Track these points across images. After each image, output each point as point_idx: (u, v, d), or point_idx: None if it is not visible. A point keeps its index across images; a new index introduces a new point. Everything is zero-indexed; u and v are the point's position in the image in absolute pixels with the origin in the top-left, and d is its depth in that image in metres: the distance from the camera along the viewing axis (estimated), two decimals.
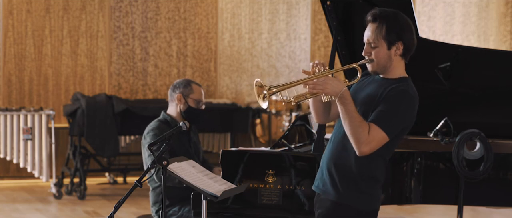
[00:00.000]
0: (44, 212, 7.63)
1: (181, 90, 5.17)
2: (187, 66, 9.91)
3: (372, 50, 3.60)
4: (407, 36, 3.60)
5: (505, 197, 4.92)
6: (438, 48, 5.31)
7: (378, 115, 3.52)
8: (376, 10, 3.61)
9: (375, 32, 3.58)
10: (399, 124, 3.55)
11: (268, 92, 3.50)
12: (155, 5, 9.71)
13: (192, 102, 5.16)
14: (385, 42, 3.58)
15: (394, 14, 3.61)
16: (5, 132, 8.13)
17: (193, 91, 5.18)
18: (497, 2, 10.82)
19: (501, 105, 5.29)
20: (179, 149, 5.03)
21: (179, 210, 5.02)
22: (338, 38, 4.93)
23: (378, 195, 3.68)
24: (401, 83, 3.60)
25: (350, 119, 3.49)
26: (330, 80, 3.51)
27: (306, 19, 10.34)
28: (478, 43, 10.76)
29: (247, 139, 9.55)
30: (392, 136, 3.53)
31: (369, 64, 3.63)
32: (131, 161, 9.14)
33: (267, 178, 4.42)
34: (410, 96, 3.57)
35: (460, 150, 4.71)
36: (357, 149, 3.50)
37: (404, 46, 3.60)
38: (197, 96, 5.18)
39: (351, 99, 3.51)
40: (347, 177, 3.62)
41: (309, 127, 5.24)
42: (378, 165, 3.63)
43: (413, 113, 3.59)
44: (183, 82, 5.21)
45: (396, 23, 3.58)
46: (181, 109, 5.16)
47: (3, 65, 9.18)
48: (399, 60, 3.63)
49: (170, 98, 5.22)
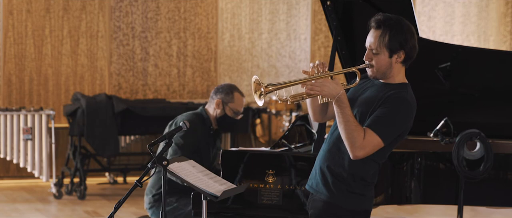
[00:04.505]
0: (44, 212, 7.63)
1: (222, 97, 5.14)
2: (187, 66, 9.91)
3: (373, 56, 3.59)
4: (410, 45, 3.58)
5: (505, 197, 4.92)
6: (438, 48, 5.31)
7: (375, 120, 3.52)
8: (380, 17, 3.59)
9: (377, 39, 3.56)
10: (395, 130, 3.56)
11: (265, 90, 3.51)
12: (155, 5, 9.71)
13: (229, 112, 5.16)
14: (387, 50, 3.57)
15: (398, 22, 3.58)
16: (5, 132, 8.13)
17: (233, 101, 5.16)
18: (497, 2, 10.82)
19: (501, 105, 5.29)
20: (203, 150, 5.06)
21: (175, 201, 5.02)
22: (338, 38, 4.94)
23: (370, 196, 3.70)
24: (400, 89, 3.59)
25: (345, 123, 3.49)
26: (328, 83, 3.52)
27: (306, 19, 10.34)
28: (478, 43, 10.76)
29: (247, 139, 9.55)
30: (387, 142, 3.53)
31: (369, 70, 3.62)
32: (131, 161, 9.14)
33: (267, 178, 4.42)
34: (408, 104, 3.57)
35: (460, 150, 4.71)
36: (351, 153, 3.51)
37: (406, 55, 3.59)
38: (237, 107, 5.17)
39: (347, 103, 3.52)
40: (339, 178, 3.63)
41: (309, 127, 5.24)
42: (370, 168, 3.64)
43: (410, 120, 3.59)
44: (226, 89, 5.17)
45: (399, 32, 3.56)
46: (218, 114, 5.16)
47: (3, 65, 9.18)
48: (400, 67, 3.63)
49: (211, 99, 5.22)
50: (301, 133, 5.26)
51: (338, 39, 4.93)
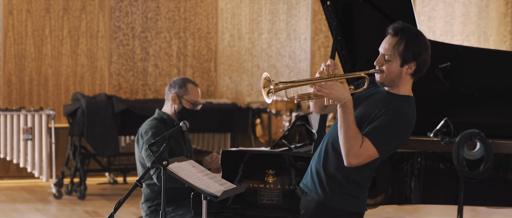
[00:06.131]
0: (44, 212, 7.63)
1: (176, 91, 5.07)
2: (187, 66, 9.91)
3: (385, 62, 3.58)
4: (423, 58, 3.58)
5: (505, 197, 4.92)
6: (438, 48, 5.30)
7: (373, 130, 3.52)
8: (399, 25, 3.58)
9: (392, 46, 3.56)
10: (392, 143, 3.57)
11: (274, 88, 3.51)
12: (155, 5, 9.71)
13: (186, 104, 5.06)
14: (400, 58, 3.56)
15: (415, 34, 3.59)
16: (5, 132, 8.13)
17: (188, 93, 5.05)
18: (497, 2, 10.82)
19: (501, 105, 5.29)
20: (176, 148, 5.00)
21: (172, 211, 4.98)
22: (338, 38, 4.93)
23: (363, 198, 3.72)
24: (404, 102, 3.60)
25: (346, 128, 3.50)
26: (337, 86, 3.52)
27: (306, 19, 10.34)
28: (478, 43, 10.76)
29: (247, 139, 9.55)
30: (381, 154, 3.54)
31: (378, 75, 3.62)
32: (131, 161, 9.14)
33: (267, 178, 4.42)
34: (409, 119, 3.58)
35: (460, 150, 4.71)
36: (346, 159, 3.52)
37: (417, 67, 3.59)
38: (192, 98, 5.06)
39: (352, 110, 3.52)
40: (333, 179, 3.64)
41: (309, 127, 5.24)
42: (364, 174, 3.66)
43: (407, 134, 3.61)
44: (179, 82, 5.08)
45: (415, 44, 3.56)
46: (175, 109, 5.09)
47: (3, 65, 9.18)
48: (408, 78, 3.62)
49: (166, 97, 5.14)
50: (301, 133, 5.26)
51: (338, 39, 4.93)
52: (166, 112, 5.11)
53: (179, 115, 5.06)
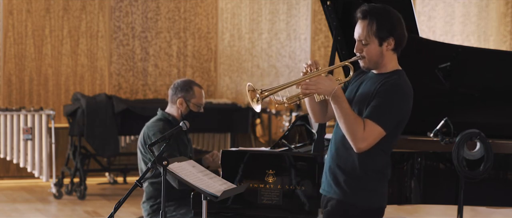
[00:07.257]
0: (44, 212, 7.63)
1: (183, 95, 5.11)
2: (187, 66, 9.91)
3: (363, 47, 3.60)
4: (398, 31, 3.59)
5: (505, 197, 4.91)
6: (438, 48, 5.31)
7: (371, 110, 3.53)
8: (366, 7, 3.60)
9: (365, 29, 3.57)
10: (394, 117, 3.55)
11: (260, 96, 3.51)
12: (155, 5, 9.71)
13: (193, 107, 5.12)
14: (376, 39, 3.57)
15: (384, 10, 3.60)
16: (5, 132, 8.13)
17: (195, 96, 5.11)
18: (497, 2, 10.81)
19: (501, 105, 5.28)
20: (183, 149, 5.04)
21: (174, 210, 4.99)
22: (338, 38, 4.93)
23: (384, 192, 3.68)
24: (393, 76, 3.60)
25: (344, 117, 3.50)
26: (322, 80, 3.52)
27: (306, 19, 10.34)
28: (478, 43, 10.75)
29: (247, 139, 9.55)
30: (388, 130, 3.53)
31: (361, 61, 3.63)
32: (131, 161, 9.13)
33: (267, 178, 4.42)
34: (402, 89, 3.57)
35: (460, 150, 4.71)
36: (354, 146, 3.51)
37: (396, 41, 3.59)
38: (199, 101, 5.13)
39: (344, 98, 3.52)
40: (351, 176, 3.62)
41: (309, 127, 5.24)
42: (381, 159, 3.63)
43: (407, 104, 3.59)
44: (184, 86, 5.12)
45: (386, 20, 3.57)
46: (182, 112, 5.13)
47: (3, 65, 9.18)
48: (391, 54, 3.63)
49: (171, 100, 5.16)
50: (301, 133, 5.26)
51: (338, 39, 4.93)
52: (171, 113, 5.14)
53: (185, 118, 5.09)
